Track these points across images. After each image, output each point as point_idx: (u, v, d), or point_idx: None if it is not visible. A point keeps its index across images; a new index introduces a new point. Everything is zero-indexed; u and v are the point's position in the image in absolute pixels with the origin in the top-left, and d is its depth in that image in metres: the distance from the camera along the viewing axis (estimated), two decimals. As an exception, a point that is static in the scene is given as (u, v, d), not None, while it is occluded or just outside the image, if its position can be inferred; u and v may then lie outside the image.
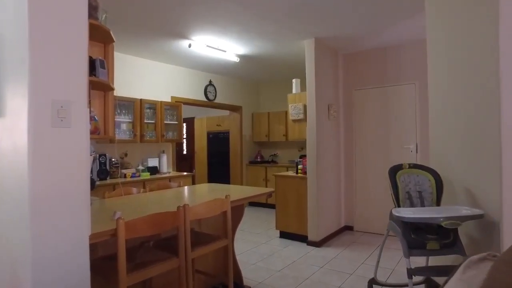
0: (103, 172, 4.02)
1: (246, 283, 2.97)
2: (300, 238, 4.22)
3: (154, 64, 5.02)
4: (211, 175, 7.61)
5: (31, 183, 1.30)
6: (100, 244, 1.92)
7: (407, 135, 4.32)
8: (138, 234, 1.68)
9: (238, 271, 2.93)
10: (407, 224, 2.14)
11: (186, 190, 3.00)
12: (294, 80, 4.83)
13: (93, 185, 1.98)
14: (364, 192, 4.63)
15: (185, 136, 8.39)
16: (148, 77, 4.93)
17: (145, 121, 4.59)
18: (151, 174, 4.56)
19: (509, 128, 1.70)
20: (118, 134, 4.32)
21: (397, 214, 2.02)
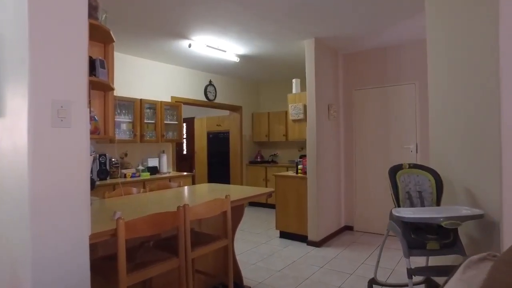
0: (103, 172, 4.03)
1: (246, 283, 2.97)
2: (300, 238, 4.22)
3: (154, 64, 5.02)
4: (211, 175, 7.62)
5: (31, 183, 1.30)
6: (100, 244, 1.92)
7: (407, 135, 4.32)
8: (138, 234, 1.68)
9: (238, 271, 2.93)
10: (407, 224, 2.14)
11: (186, 190, 3.00)
12: (294, 80, 4.83)
13: (93, 185, 1.98)
14: (364, 192, 4.63)
15: (185, 136, 8.39)
16: (148, 77, 4.93)
17: (145, 121, 4.60)
18: (151, 174, 4.56)
19: (509, 128, 1.70)
20: (118, 134, 4.32)
21: (397, 214, 2.02)
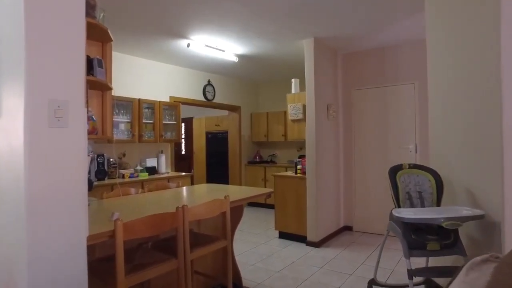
0: (101, 173, 4.00)
1: (245, 284, 2.95)
2: (299, 238, 4.21)
3: (152, 64, 5.00)
4: (210, 175, 7.60)
5: (27, 184, 1.28)
6: (98, 246, 1.90)
7: (406, 135, 4.32)
8: (137, 236, 1.66)
9: (237, 272, 2.91)
10: (407, 225, 2.13)
11: (185, 190, 2.98)
12: (293, 80, 4.81)
13: (90, 185, 1.96)
14: (363, 192, 4.62)
15: (183, 136, 8.36)
16: (146, 76, 4.90)
17: (143, 121, 4.57)
18: (149, 175, 4.54)
19: (511, 128, 1.69)
20: (116, 134, 4.30)
21: (397, 214, 2.01)
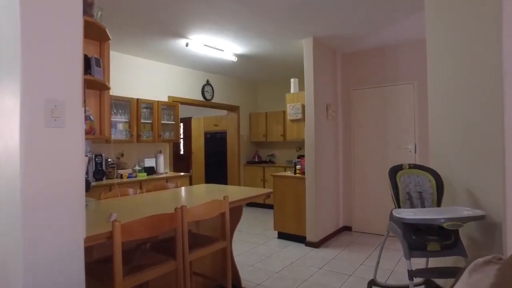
0: (99, 173, 3.98)
1: (245, 284, 2.94)
2: (299, 238, 4.19)
3: (151, 63, 4.97)
4: (209, 175, 7.58)
5: (23, 185, 1.26)
6: (96, 247, 1.88)
7: (406, 135, 4.31)
8: (135, 237, 1.65)
9: (236, 272, 2.89)
10: (407, 225, 2.12)
11: (183, 191, 2.96)
12: (292, 80, 4.80)
13: (88, 186, 1.94)
14: (362, 192, 4.62)
15: (182, 136, 8.34)
16: (145, 76, 4.88)
17: (141, 121, 4.55)
18: (147, 175, 4.51)
19: None
20: (114, 134, 4.28)
21: (397, 215, 2.00)
